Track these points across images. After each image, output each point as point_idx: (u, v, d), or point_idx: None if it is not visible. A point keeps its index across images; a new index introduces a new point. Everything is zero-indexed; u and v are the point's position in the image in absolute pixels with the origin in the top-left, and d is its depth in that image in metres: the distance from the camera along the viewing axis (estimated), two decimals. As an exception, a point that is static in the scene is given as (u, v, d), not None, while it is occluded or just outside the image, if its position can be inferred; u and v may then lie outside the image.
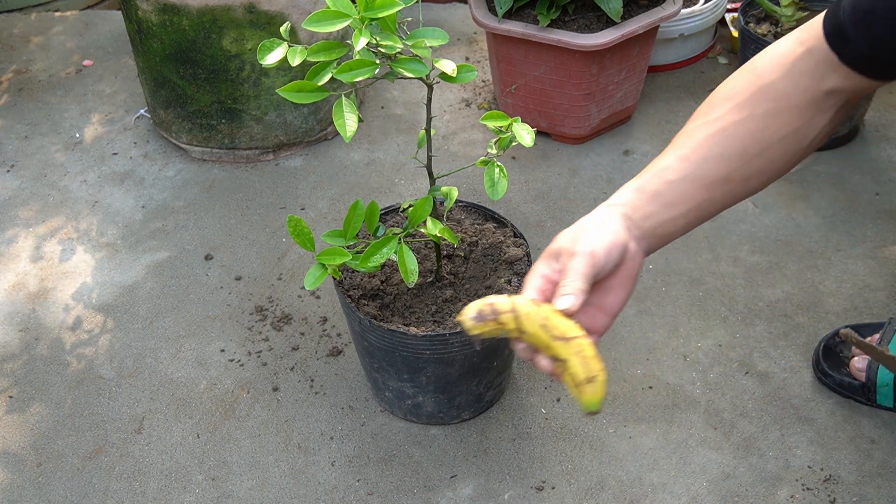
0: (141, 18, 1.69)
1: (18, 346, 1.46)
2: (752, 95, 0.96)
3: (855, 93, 0.96)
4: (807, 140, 0.98)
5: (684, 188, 0.97)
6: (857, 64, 0.91)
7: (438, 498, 1.23)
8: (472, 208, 1.34)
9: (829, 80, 0.95)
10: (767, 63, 0.97)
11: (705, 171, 0.96)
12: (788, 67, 0.95)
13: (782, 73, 0.95)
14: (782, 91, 0.96)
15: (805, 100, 0.96)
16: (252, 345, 1.45)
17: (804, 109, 0.96)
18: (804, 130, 0.97)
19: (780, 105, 0.96)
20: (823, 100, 0.96)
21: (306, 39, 1.70)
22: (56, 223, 1.70)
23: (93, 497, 1.24)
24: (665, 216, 0.97)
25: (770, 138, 0.97)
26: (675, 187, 0.97)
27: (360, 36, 0.96)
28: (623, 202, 0.97)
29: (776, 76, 0.96)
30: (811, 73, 0.95)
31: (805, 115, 0.96)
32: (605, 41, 1.65)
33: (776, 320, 1.46)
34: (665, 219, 0.97)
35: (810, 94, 0.96)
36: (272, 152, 1.83)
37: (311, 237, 1.10)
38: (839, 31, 0.91)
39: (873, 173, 1.74)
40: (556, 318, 0.87)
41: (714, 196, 0.98)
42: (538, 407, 1.34)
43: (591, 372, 0.86)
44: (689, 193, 0.97)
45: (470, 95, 1.98)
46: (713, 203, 0.98)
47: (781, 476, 1.24)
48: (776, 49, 0.97)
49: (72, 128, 1.93)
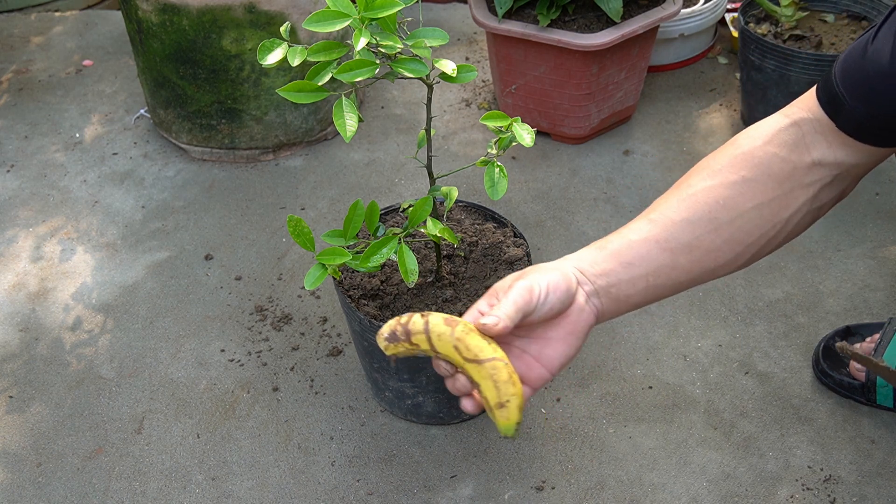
0: (141, 18, 1.70)
1: (18, 346, 1.46)
2: (728, 163, 0.93)
3: (843, 168, 0.92)
4: (784, 213, 0.93)
5: (647, 249, 0.92)
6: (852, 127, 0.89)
7: (438, 498, 1.23)
8: (472, 208, 1.34)
9: (815, 151, 0.92)
10: (749, 135, 0.94)
11: (670, 233, 0.92)
12: (770, 137, 0.93)
13: (763, 142, 0.93)
14: (761, 159, 0.93)
15: (785, 170, 0.92)
16: (252, 345, 1.45)
17: (783, 180, 0.92)
18: (781, 202, 0.93)
19: (756, 173, 0.92)
20: (806, 172, 0.92)
21: (306, 39, 1.70)
22: (56, 223, 1.70)
23: (93, 497, 1.24)
24: (623, 276, 0.93)
25: (742, 206, 0.92)
26: (636, 247, 0.92)
27: (360, 36, 0.96)
28: (579, 258, 0.93)
29: (756, 145, 0.93)
30: (795, 143, 0.92)
31: (783, 185, 0.93)
32: (605, 41, 1.65)
33: (776, 320, 1.46)
34: (623, 279, 0.93)
35: (791, 164, 0.92)
36: (272, 152, 1.83)
37: (311, 237, 1.10)
38: (833, 97, 0.89)
39: (873, 173, 1.74)
40: (472, 339, 0.83)
41: (678, 262, 0.93)
42: (538, 407, 1.34)
43: (503, 396, 0.82)
44: (651, 255, 0.92)
45: (470, 95, 1.98)
46: (676, 270, 0.93)
47: (781, 476, 1.24)
48: (761, 124, 0.95)
49: (72, 128, 1.93)
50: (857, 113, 0.88)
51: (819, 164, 0.92)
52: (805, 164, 0.92)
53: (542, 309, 0.88)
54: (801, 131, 0.92)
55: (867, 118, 0.87)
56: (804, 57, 1.68)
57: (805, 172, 0.92)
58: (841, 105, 0.89)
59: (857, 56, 0.87)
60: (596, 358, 1.41)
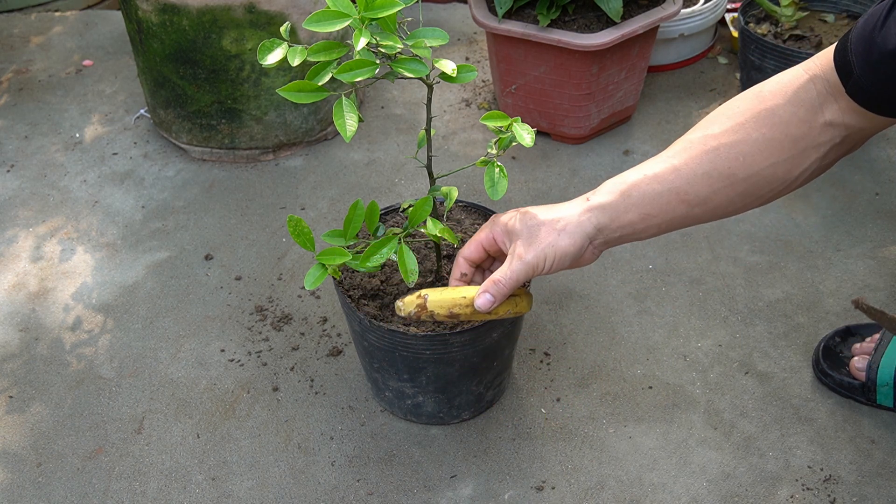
0: (141, 18, 1.70)
1: (18, 346, 1.46)
2: (752, 118, 0.97)
3: (851, 130, 0.96)
4: (795, 172, 0.98)
5: (668, 200, 0.98)
6: (860, 97, 0.91)
7: (438, 498, 1.23)
8: (472, 208, 1.34)
9: (828, 112, 0.95)
10: (772, 88, 0.98)
11: (691, 185, 0.98)
12: (791, 95, 0.96)
13: (784, 99, 0.96)
14: (781, 117, 0.96)
15: (802, 130, 0.96)
16: (252, 345, 1.45)
17: (799, 140, 0.96)
18: (794, 161, 0.97)
19: (776, 132, 0.96)
20: (820, 133, 0.96)
21: (306, 39, 1.70)
22: (56, 223, 1.70)
23: (93, 497, 1.24)
24: (639, 226, 1.00)
25: (760, 164, 0.97)
26: (658, 199, 0.98)
27: (360, 36, 0.96)
28: (603, 209, 1.00)
29: (777, 102, 0.96)
30: (811, 102, 0.95)
31: (799, 145, 0.96)
32: (605, 41, 1.65)
33: (776, 320, 1.46)
34: (638, 228, 1.00)
35: (807, 125, 0.96)
36: (272, 152, 1.83)
37: (311, 237, 1.11)
38: (846, 63, 0.91)
39: (873, 173, 1.74)
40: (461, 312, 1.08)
41: (691, 213, 0.99)
42: (538, 407, 1.34)
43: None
44: (669, 206, 0.99)
45: (470, 95, 1.99)
46: (689, 218, 1.00)
47: (781, 476, 1.24)
48: (783, 76, 0.98)
49: (72, 128, 1.93)
50: (863, 82, 0.90)
51: (831, 124, 0.95)
52: (819, 124, 0.96)
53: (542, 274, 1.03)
54: (816, 89, 0.95)
55: (873, 89, 0.90)
56: (804, 57, 1.68)
57: (819, 132, 0.96)
58: (851, 72, 0.91)
59: (871, 29, 0.89)
60: (596, 358, 1.41)
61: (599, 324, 1.46)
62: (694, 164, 0.97)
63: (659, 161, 1.00)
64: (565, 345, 1.43)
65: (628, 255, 1.58)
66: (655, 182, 0.98)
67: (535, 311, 1.48)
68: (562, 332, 1.45)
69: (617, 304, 1.49)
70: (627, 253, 1.58)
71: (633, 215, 0.99)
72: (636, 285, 1.52)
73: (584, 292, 1.51)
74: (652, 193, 0.98)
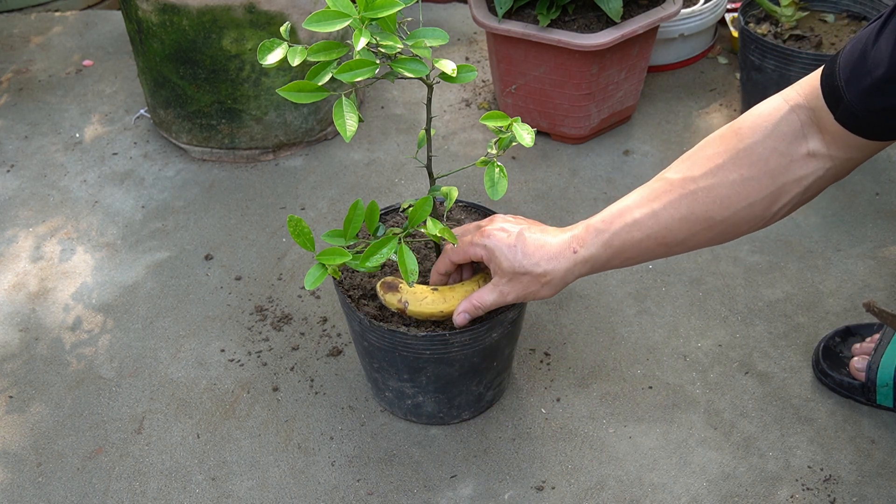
0: (141, 18, 1.70)
1: (18, 346, 1.46)
2: (729, 159, 0.96)
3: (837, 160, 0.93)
4: (773, 208, 0.97)
5: (647, 245, 1.02)
6: (850, 123, 0.89)
7: (438, 498, 1.23)
8: (472, 208, 1.34)
9: (811, 143, 0.93)
10: (751, 123, 0.96)
11: (669, 230, 1.00)
12: (770, 129, 0.94)
13: (763, 135, 0.95)
14: (760, 155, 0.95)
15: (782, 164, 0.94)
16: (252, 345, 1.45)
17: (778, 175, 0.95)
18: (773, 198, 0.96)
19: (753, 171, 0.95)
20: (801, 165, 0.94)
21: (306, 39, 1.70)
22: (56, 223, 1.70)
23: (93, 497, 1.24)
24: (617, 265, 1.05)
25: (737, 205, 0.97)
26: (638, 245, 1.02)
27: (360, 36, 0.96)
28: (589, 257, 1.05)
29: (756, 139, 0.95)
30: (793, 135, 0.94)
31: (778, 181, 0.95)
32: (605, 41, 1.65)
33: (776, 320, 1.46)
34: (615, 266, 1.06)
35: (788, 158, 0.94)
36: (272, 152, 1.83)
37: (311, 237, 1.11)
38: (834, 89, 0.89)
39: (873, 173, 1.74)
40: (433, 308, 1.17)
41: (670, 252, 1.03)
42: (538, 407, 1.34)
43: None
44: (649, 249, 1.02)
45: (470, 95, 1.99)
46: (667, 255, 1.04)
47: (781, 476, 1.24)
48: (762, 107, 0.97)
49: (72, 128, 1.93)
50: (854, 108, 0.88)
51: (813, 155, 0.94)
52: (801, 156, 0.94)
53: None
54: (800, 120, 0.93)
55: (865, 113, 0.88)
56: (804, 57, 1.68)
57: (800, 165, 0.94)
58: (840, 98, 0.89)
59: (859, 53, 0.87)
60: (596, 358, 1.41)
61: (599, 324, 1.46)
62: (672, 209, 0.99)
63: (640, 204, 1.02)
64: (565, 345, 1.43)
65: (628, 255, 1.58)
66: (636, 229, 1.01)
67: (536, 311, 1.48)
68: (562, 332, 1.45)
69: (617, 304, 1.49)
70: (627, 253, 1.58)
71: (614, 261, 1.05)
72: (636, 285, 1.52)
73: (584, 292, 1.51)
74: (632, 241, 1.02)
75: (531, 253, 1.06)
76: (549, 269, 1.05)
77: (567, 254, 1.04)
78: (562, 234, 1.07)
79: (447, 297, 1.17)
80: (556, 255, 1.05)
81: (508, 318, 1.19)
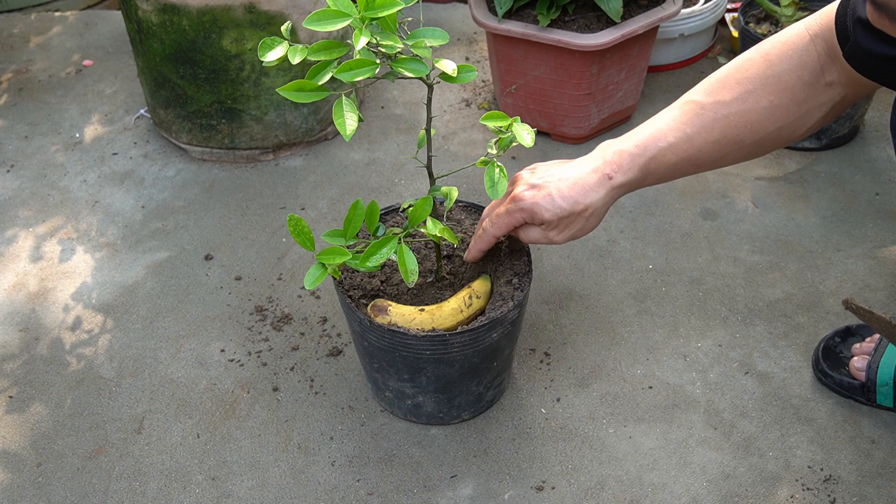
0: (141, 18, 1.70)
1: (18, 346, 1.46)
2: (760, 85, 1.01)
3: (851, 88, 0.99)
4: (799, 131, 1.03)
5: (681, 167, 1.06)
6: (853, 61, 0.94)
7: (438, 498, 1.23)
8: (472, 208, 1.34)
9: (829, 73, 0.99)
10: (778, 51, 1.01)
11: (702, 152, 1.04)
12: (796, 59, 0.99)
13: (790, 63, 0.99)
14: (787, 83, 1.00)
15: (806, 93, 1.00)
16: (252, 345, 1.45)
17: (803, 102, 1.00)
18: (799, 122, 1.02)
19: (783, 98, 1.00)
20: (822, 93, 1.00)
21: (306, 39, 1.70)
22: (56, 223, 1.70)
23: (93, 497, 1.24)
24: (649, 184, 1.09)
25: (767, 129, 1.02)
26: (673, 168, 1.06)
27: (360, 35, 0.96)
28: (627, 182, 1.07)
29: (784, 66, 1.00)
30: (814, 65, 0.99)
31: (803, 107, 1.01)
32: (605, 41, 1.65)
33: (776, 320, 1.46)
34: (647, 185, 1.09)
35: (811, 87, 0.99)
36: (272, 152, 1.83)
37: (311, 237, 1.10)
38: (844, 28, 0.94)
39: (873, 173, 1.74)
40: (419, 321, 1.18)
41: (700, 170, 1.07)
42: (538, 407, 1.34)
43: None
44: (682, 170, 1.06)
45: (470, 95, 1.98)
46: (698, 173, 1.10)
47: (781, 476, 1.24)
48: (786, 35, 1.01)
49: (72, 128, 1.93)
50: (858, 48, 0.92)
51: (831, 84, 0.99)
52: (822, 85, 0.99)
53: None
54: (817, 51, 0.98)
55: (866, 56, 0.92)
56: (804, 57, 1.68)
57: (821, 92, 1.00)
58: (847, 38, 0.93)
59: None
60: (596, 358, 1.41)
61: (599, 324, 1.46)
62: (706, 133, 1.03)
63: (674, 128, 1.05)
64: (565, 345, 1.43)
65: (628, 255, 1.58)
66: (671, 153, 1.04)
67: (535, 311, 1.48)
68: (562, 332, 1.45)
69: (617, 304, 1.49)
70: (627, 253, 1.58)
71: (647, 181, 1.08)
72: (636, 285, 1.52)
73: (584, 292, 1.51)
74: (668, 164, 1.05)
75: (568, 195, 1.07)
76: (590, 202, 1.07)
77: (604, 182, 1.07)
78: (591, 162, 1.09)
79: (435, 316, 1.17)
80: (593, 187, 1.07)
81: (508, 319, 1.19)
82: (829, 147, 1.79)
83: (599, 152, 1.09)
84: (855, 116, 1.77)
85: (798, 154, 1.79)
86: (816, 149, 1.78)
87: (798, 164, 1.76)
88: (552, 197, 1.08)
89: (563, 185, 1.08)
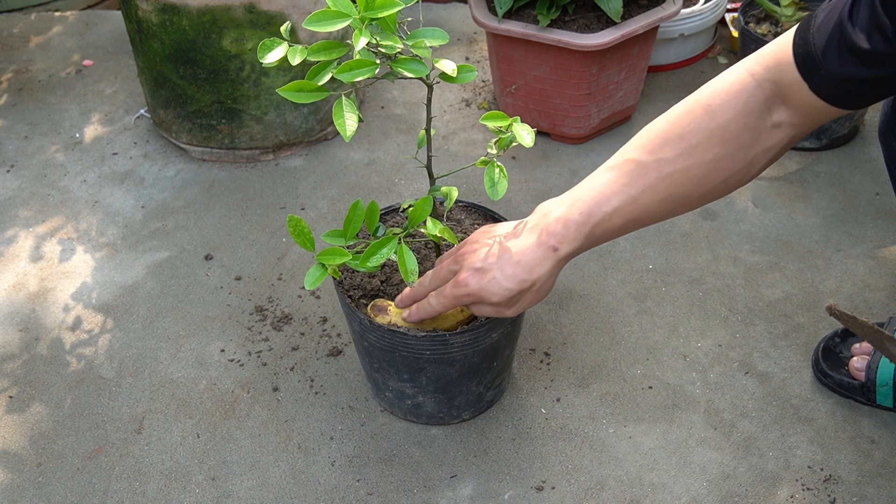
0: (141, 18, 1.70)
1: (18, 346, 1.46)
2: (704, 139, 0.97)
3: (802, 127, 0.96)
4: (746, 178, 1.01)
5: (627, 228, 1.03)
6: (826, 92, 0.91)
7: (438, 498, 1.23)
8: (472, 208, 1.34)
9: (775, 114, 0.95)
10: (720, 100, 0.97)
11: (648, 213, 1.02)
12: (741, 106, 0.95)
13: (734, 112, 0.96)
14: (733, 132, 0.96)
15: (752, 137, 0.96)
16: (252, 345, 1.45)
17: (749, 149, 0.97)
18: (746, 169, 0.99)
19: (728, 148, 0.97)
20: (769, 136, 0.96)
21: (306, 39, 1.70)
22: (56, 223, 1.70)
23: (93, 497, 1.24)
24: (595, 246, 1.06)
25: (714, 181, 0.99)
26: (619, 230, 1.03)
27: (360, 36, 0.96)
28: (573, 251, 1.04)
29: (728, 116, 0.96)
30: (760, 109, 0.95)
31: (749, 153, 0.97)
32: (605, 41, 1.65)
33: (776, 320, 1.46)
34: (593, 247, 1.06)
35: (757, 132, 0.96)
36: (272, 152, 1.83)
37: (311, 237, 1.11)
38: (808, 58, 0.90)
39: (873, 173, 1.74)
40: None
41: (647, 226, 1.05)
42: (538, 407, 1.34)
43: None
44: (628, 230, 1.04)
45: (470, 95, 1.98)
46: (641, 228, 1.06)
47: (781, 476, 1.24)
48: (727, 80, 0.97)
49: (72, 128, 1.93)
50: (832, 78, 0.89)
51: (779, 126, 0.96)
52: (767, 128, 0.96)
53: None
54: (763, 94, 0.95)
55: (842, 83, 0.89)
56: (804, 57, 1.68)
57: (767, 136, 0.97)
58: (817, 69, 0.90)
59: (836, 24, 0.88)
60: (596, 358, 1.41)
61: (599, 324, 1.46)
62: (651, 193, 1.00)
63: (616, 190, 1.01)
64: (565, 345, 1.43)
65: (628, 255, 1.58)
66: (616, 217, 1.01)
67: (536, 310, 1.48)
68: (562, 332, 1.45)
69: (617, 304, 1.49)
70: (627, 253, 1.58)
71: (595, 245, 1.05)
72: (636, 285, 1.52)
73: (584, 292, 1.51)
74: (614, 227, 1.02)
75: (513, 274, 1.03)
76: (536, 277, 1.03)
77: (549, 255, 1.03)
78: (533, 234, 1.04)
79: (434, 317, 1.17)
80: (539, 262, 1.03)
81: (508, 319, 1.19)
82: (829, 147, 1.79)
83: (542, 221, 1.03)
84: (855, 116, 1.77)
85: (798, 154, 1.79)
86: (816, 149, 1.78)
87: (798, 164, 1.76)
88: (497, 280, 1.04)
89: (508, 267, 1.03)
